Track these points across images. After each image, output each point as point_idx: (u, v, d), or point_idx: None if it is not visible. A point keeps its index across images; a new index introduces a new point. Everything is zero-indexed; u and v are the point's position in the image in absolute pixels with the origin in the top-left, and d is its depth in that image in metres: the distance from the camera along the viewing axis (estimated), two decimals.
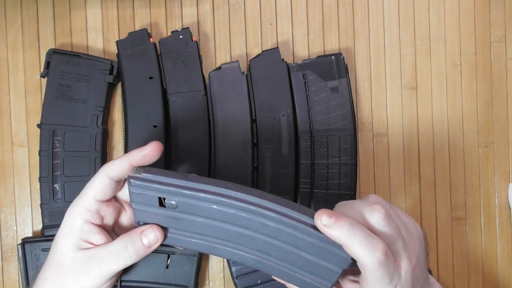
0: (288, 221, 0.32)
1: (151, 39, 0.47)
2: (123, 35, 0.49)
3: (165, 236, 0.37)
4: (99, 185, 0.36)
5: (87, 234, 0.37)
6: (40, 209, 0.46)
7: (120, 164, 0.36)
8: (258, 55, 0.49)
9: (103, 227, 0.38)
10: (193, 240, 0.36)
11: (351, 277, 0.37)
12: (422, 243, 0.36)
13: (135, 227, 0.37)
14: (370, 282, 0.32)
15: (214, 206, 0.33)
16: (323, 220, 0.31)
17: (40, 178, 0.46)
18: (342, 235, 0.31)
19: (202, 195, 0.33)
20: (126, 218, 0.40)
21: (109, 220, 0.38)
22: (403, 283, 0.33)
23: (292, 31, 0.51)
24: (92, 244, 0.37)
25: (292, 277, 0.35)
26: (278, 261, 0.34)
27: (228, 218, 0.33)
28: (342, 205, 0.34)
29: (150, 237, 0.36)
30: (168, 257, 0.46)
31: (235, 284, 0.47)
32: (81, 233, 0.37)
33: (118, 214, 0.39)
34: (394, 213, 0.35)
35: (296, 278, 0.35)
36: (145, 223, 0.37)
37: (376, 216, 0.32)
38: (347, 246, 0.31)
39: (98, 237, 0.37)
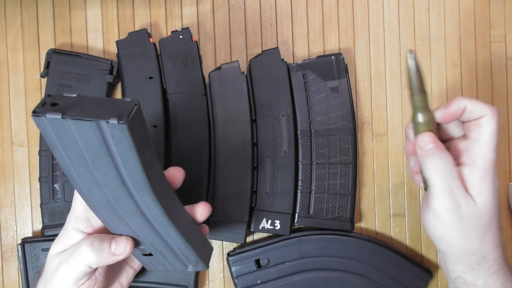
0: None
1: (151, 39, 0.47)
2: (123, 35, 0.49)
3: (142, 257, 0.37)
4: None
5: (76, 242, 0.36)
6: (40, 209, 0.47)
7: None
8: (258, 55, 0.49)
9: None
10: None
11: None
12: None
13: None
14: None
15: None
16: (423, 141, 0.36)
17: (40, 178, 0.46)
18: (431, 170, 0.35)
19: None
20: None
21: (101, 231, 0.37)
22: None
23: (292, 31, 0.51)
24: None
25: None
26: None
27: None
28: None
29: (120, 245, 0.34)
30: None
31: (235, 284, 0.47)
32: (70, 240, 0.36)
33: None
34: None
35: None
36: None
37: (494, 108, 0.36)
38: None
39: None
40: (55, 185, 0.46)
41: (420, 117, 0.36)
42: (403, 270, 0.48)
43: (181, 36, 0.47)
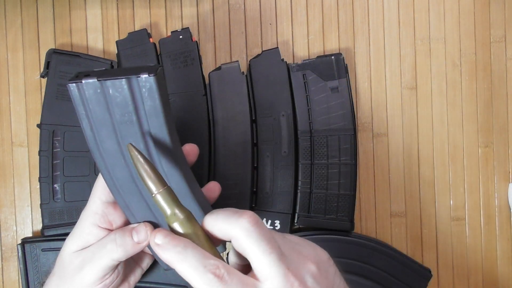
0: None
1: (151, 39, 0.47)
2: (123, 35, 0.49)
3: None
4: (101, 185, 0.36)
5: (95, 237, 0.36)
6: (40, 209, 0.46)
7: None
8: (258, 55, 0.49)
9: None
10: None
11: None
12: (324, 268, 0.33)
13: None
14: None
15: None
16: (157, 238, 0.29)
17: (40, 178, 0.46)
18: (173, 258, 0.29)
19: None
20: None
21: (118, 225, 0.37)
22: None
23: (292, 31, 0.51)
24: None
25: None
26: None
27: None
28: (213, 212, 0.31)
29: (141, 232, 0.35)
30: None
31: None
32: (89, 236, 0.36)
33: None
34: (276, 233, 0.31)
35: None
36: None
37: (244, 221, 0.29)
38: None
39: None
40: (55, 185, 0.46)
41: (179, 220, 0.30)
42: (403, 270, 0.48)
43: (181, 36, 0.47)
